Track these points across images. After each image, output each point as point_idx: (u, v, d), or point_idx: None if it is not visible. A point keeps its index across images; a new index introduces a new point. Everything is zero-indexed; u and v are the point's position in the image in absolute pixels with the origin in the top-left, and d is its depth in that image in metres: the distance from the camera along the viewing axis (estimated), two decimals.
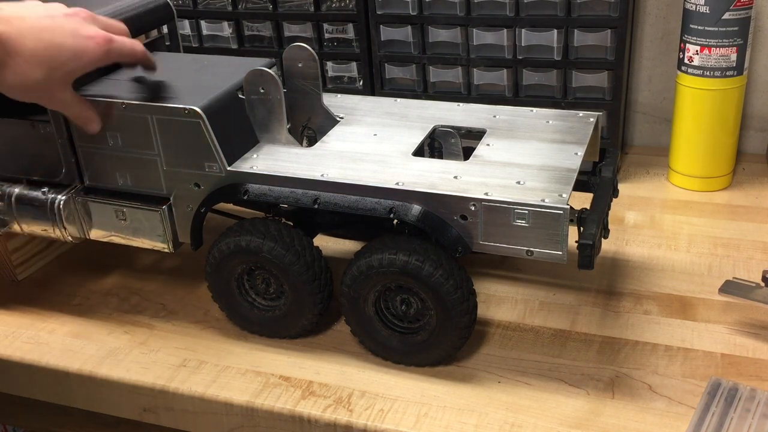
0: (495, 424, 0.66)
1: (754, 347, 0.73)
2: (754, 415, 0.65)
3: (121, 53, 0.71)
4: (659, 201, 1.01)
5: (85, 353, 0.79)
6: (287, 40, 1.10)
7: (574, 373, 0.72)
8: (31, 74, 0.66)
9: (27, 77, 0.66)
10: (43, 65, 0.66)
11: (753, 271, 0.84)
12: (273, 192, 0.71)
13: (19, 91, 0.67)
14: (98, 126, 0.73)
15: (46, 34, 0.66)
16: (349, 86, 1.11)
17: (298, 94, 0.82)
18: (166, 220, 0.76)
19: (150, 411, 0.76)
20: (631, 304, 0.81)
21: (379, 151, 0.74)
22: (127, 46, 0.72)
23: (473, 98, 1.05)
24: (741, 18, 0.93)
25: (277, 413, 0.70)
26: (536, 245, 0.65)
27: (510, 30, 1.00)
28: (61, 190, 0.79)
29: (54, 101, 0.70)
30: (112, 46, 0.69)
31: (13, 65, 0.65)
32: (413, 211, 0.67)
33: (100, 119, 0.73)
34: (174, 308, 0.85)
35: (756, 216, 0.96)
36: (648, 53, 1.12)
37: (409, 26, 1.04)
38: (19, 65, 0.65)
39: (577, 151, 0.72)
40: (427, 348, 0.71)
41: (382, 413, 0.68)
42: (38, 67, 0.66)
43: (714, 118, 0.99)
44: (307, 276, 0.72)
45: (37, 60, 0.65)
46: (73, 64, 0.67)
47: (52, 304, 0.87)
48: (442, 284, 0.67)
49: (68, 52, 0.67)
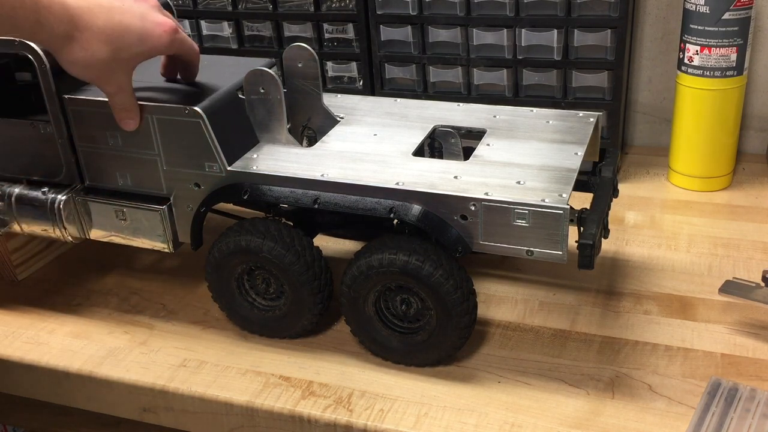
0: (495, 424, 0.66)
1: (754, 347, 0.74)
2: (754, 415, 0.65)
3: (183, 47, 0.72)
4: (659, 201, 1.01)
5: (85, 353, 0.79)
6: (287, 40, 1.10)
7: (574, 373, 0.72)
8: (96, 51, 0.66)
9: (93, 54, 0.66)
10: (110, 44, 0.66)
11: (753, 271, 0.84)
12: (273, 192, 0.71)
13: (80, 68, 0.67)
14: (136, 124, 0.72)
15: (116, 14, 0.66)
16: (349, 86, 1.11)
17: (298, 94, 0.82)
18: (166, 220, 0.75)
19: (150, 411, 0.76)
20: (631, 304, 0.81)
21: (379, 151, 0.74)
22: (188, 40, 0.72)
23: (473, 98, 1.05)
24: (741, 18, 0.93)
25: (277, 413, 0.70)
26: (536, 245, 0.65)
27: (510, 30, 1.00)
28: (61, 190, 0.79)
29: (111, 83, 0.69)
30: (177, 36, 0.70)
31: (81, 40, 0.65)
32: (413, 211, 0.67)
33: (139, 119, 0.72)
34: (174, 308, 0.85)
35: (756, 216, 0.96)
36: (648, 53, 1.12)
37: (409, 26, 1.04)
38: (86, 41, 0.65)
39: (577, 151, 0.72)
40: (427, 348, 0.71)
41: (382, 413, 0.68)
42: (105, 45, 0.66)
43: (714, 118, 0.99)
44: (307, 276, 0.72)
45: (105, 38, 0.66)
46: (138, 48, 0.68)
47: (52, 304, 0.87)
48: (442, 284, 0.67)
49: (135, 35, 0.67)
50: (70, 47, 0.65)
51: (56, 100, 0.74)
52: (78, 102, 0.74)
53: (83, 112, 0.74)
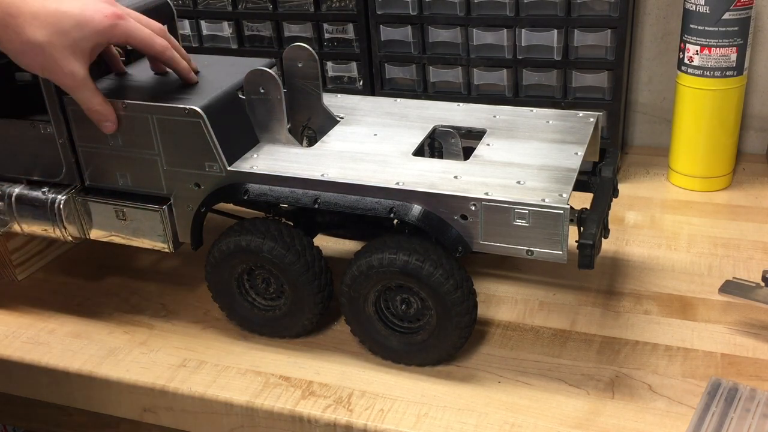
0: (495, 424, 0.66)
1: (754, 347, 0.74)
2: (754, 415, 0.65)
3: (130, 34, 0.70)
4: (659, 201, 1.01)
5: (85, 353, 0.79)
6: (287, 40, 1.10)
7: (574, 373, 0.72)
8: (32, 35, 0.65)
9: (29, 38, 0.65)
10: (45, 27, 0.65)
11: (753, 271, 0.84)
12: (273, 192, 0.71)
13: (23, 56, 0.67)
14: (114, 125, 0.72)
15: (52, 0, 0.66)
16: (349, 86, 1.11)
17: (298, 94, 0.82)
18: (166, 220, 0.75)
19: (150, 411, 0.76)
20: (631, 304, 0.81)
21: (379, 151, 0.74)
22: (139, 31, 0.70)
23: (473, 98, 1.05)
24: (741, 18, 0.93)
25: (277, 413, 0.70)
26: (536, 245, 0.65)
27: (510, 30, 1.00)
28: (61, 190, 0.79)
29: (61, 74, 0.68)
30: (119, 22, 0.68)
31: (15, 25, 0.65)
32: (413, 210, 0.67)
33: (116, 118, 0.72)
34: (174, 308, 0.85)
35: (756, 216, 0.96)
36: (648, 53, 1.12)
37: (409, 26, 1.04)
38: (20, 25, 0.65)
39: (577, 151, 0.72)
40: (427, 348, 0.71)
41: (382, 413, 0.68)
42: (40, 28, 0.65)
43: (714, 118, 0.99)
44: (307, 276, 0.72)
45: (40, 22, 0.65)
46: (77, 33, 0.67)
47: (52, 304, 0.87)
48: (442, 284, 0.67)
49: (72, 19, 0.66)
50: (6, 35, 0.65)
51: (56, 100, 0.74)
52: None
53: (83, 112, 0.74)
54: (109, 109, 0.72)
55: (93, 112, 0.71)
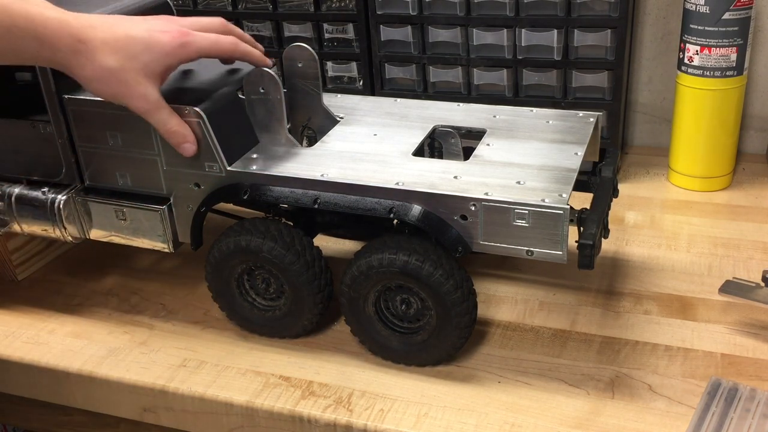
0: (495, 424, 0.66)
1: (754, 347, 0.74)
2: (754, 415, 0.65)
3: (200, 47, 0.70)
4: (659, 201, 1.01)
5: (85, 353, 0.79)
6: (287, 40, 1.10)
7: (574, 373, 0.72)
8: (104, 61, 0.66)
9: (101, 64, 0.66)
10: (116, 53, 0.66)
11: (753, 271, 0.84)
12: (273, 192, 0.71)
13: (96, 83, 0.67)
14: (195, 147, 0.71)
15: (119, 27, 0.67)
16: (349, 86, 1.11)
17: (298, 94, 0.82)
18: (166, 220, 0.76)
19: (150, 411, 0.76)
20: (631, 304, 0.81)
21: (379, 151, 0.74)
22: (207, 39, 0.70)
23: (473, 98, 1.05)
24: (741, 18, 0.93)
25: (277, 413, 0.70)
26: (536, 245, 0.65)
27: (510, 30, 1.00)
28: (61, 190, 0.79)
29: (134, 98, 0.68)
30: (187, 38, 0.68)
31: (86, 52, 0.65)
32: (413, 211, 0.67)
33: (194, 139, 0.71)
34: (174, 308, 0.85)
35: (756, 216, 0.96)
36: (648, 53, 1.12)
37: (409, 26, 1.04)
38: (91, 52, 0.65)
39: (577, 151, 0.72)
40: (427, 348, 0.71)
41: (382, 413, 0.68)
42: (111, 54, 0.66)
43: (714, 118, 0.99)
44: (307, 276, 0.72)
45: (110, 48, 0.66)
46: (147, 56, 0.67)
47: (52, 304, 0.87)
48: (442, 284, 0.67)
49: (141, 43, 0.67)
50: (78, 61, 0.65)
51: (56, 100, 0.74)
52: (78, 102, 0.74)
53: (83, 112, 0.74)
54: (187, 129, 0.71)
55: (171, 133, 0.70)
